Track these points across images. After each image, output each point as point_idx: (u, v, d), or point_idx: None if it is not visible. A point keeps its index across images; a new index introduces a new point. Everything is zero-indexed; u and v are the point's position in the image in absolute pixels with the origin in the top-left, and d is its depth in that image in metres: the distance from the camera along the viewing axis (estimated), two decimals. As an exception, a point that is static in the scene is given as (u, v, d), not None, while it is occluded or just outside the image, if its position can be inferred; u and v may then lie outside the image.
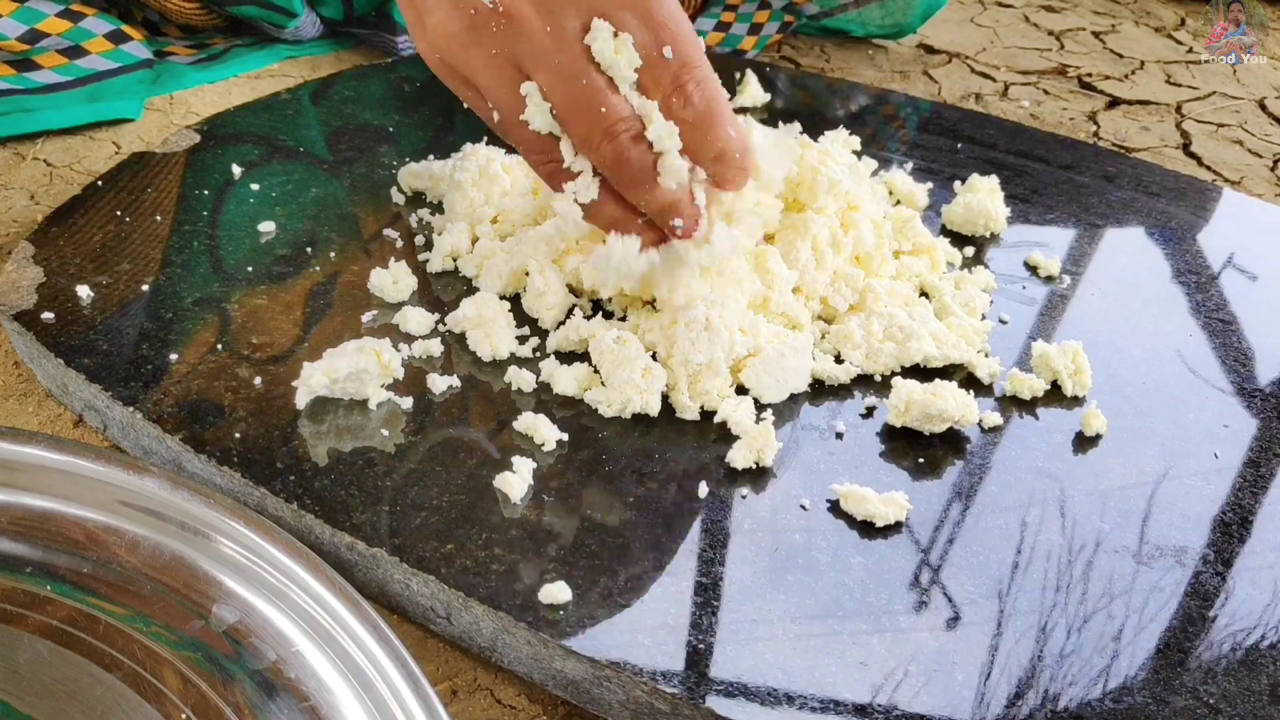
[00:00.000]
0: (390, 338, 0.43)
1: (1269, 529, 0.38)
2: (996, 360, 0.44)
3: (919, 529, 0.37)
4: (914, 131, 0.63)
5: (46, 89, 0.60)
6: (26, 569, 0.33)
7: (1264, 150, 0.71)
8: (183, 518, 0.34)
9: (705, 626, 0.33)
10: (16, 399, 0.44)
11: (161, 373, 0.41)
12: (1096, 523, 0.37)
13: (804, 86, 0.69)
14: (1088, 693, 0.31)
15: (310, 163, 0.56)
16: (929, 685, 0.31)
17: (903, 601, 0.34)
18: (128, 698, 0.30)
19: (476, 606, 0.33)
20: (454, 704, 0.34)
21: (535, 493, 0.37)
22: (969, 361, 0.44)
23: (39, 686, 0.30)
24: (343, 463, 0.37)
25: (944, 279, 0.48)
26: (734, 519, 0.37)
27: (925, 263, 0.49)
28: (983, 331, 0.45)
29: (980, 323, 0.46)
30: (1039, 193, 0.55)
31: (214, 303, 0.45)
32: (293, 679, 0.31)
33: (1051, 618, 0.34)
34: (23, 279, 0.45)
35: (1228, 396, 0.44)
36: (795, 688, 0.31)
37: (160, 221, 0.50)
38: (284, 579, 0.33)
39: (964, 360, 0.44)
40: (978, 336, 0.45)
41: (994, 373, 0.43)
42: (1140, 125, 0.74)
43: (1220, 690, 0.32)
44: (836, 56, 0.82)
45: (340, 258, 0.49)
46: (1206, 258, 0.53)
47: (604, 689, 0.31)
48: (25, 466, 0.35)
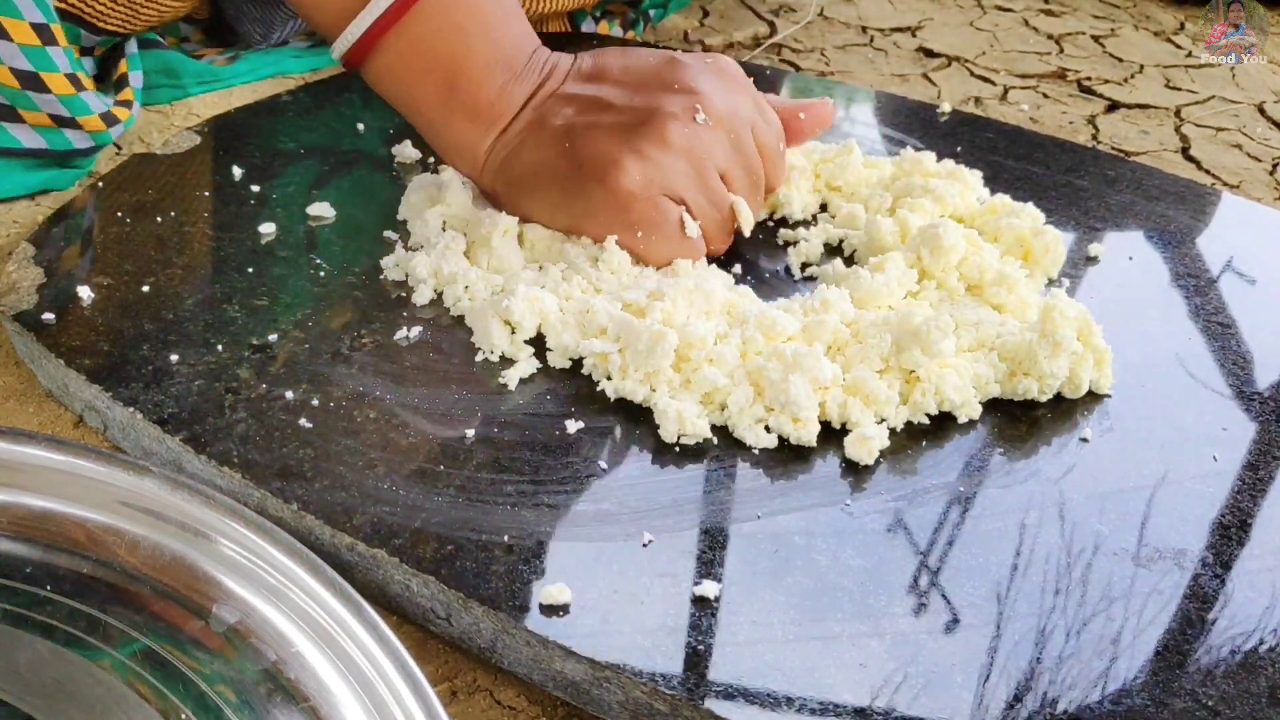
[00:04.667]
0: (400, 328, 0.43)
1: (1268, 532, 0.38)
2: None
3: (918, 532, 0.37)
4: (915, 135, 0.63)
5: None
6: (26, 569, 0.33)
7: (1263, 154, 0.71)
8: (183, 518, 0.34)
9: (705, 628, 0.33)
10: (16, 399, 0.44)
11: (162, 373, 0.41)
12: (1095, 525, 0.37)
13: (803, 89, 0.70)
14: (1087, 695, 0.31)
15: (311, 164, 0.56)
16: (928, 688, 0.31)
17: (902, 604, 0.34)
18: (127, 698, 0.30)
19: (476, 607, 0.33)
20: (454, 705, 0.34)
21: (536, 493, 0.37)
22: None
23: (39, 686, 0.30)
24: (343, 464, 0.37)
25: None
26: (734, 520, 0.37)
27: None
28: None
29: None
30: (1039, 196, 0.55)
31: (214, 303, 0.45)
32: (293, 679, 0.31)
33: (1050, 620, 0.34)
34: (23, 279, 0.45)
35: (1226, 400, 0.44)
36: (794, 690, 0.31)
37: (161, 223, 0.50)
38: (284, 580, 0.33)
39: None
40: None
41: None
42: (1139, 129, 0.74)
43: (1219, 692, 0.32)
44: (836, 59, 0.82)
45: (341, 258, 0.49)
46: (1205, 261, 0.53)
47: (604, 690, 0.31)
48: (25, 466, 0.35)
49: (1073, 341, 0.42)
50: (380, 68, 0.48)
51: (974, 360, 0.43)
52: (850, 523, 0.37)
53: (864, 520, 0.37)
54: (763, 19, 0.88)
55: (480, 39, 0.47)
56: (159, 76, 0.64)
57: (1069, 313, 0.42)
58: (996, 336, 0.43)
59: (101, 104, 0.55)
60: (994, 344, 0.43)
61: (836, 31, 0.88)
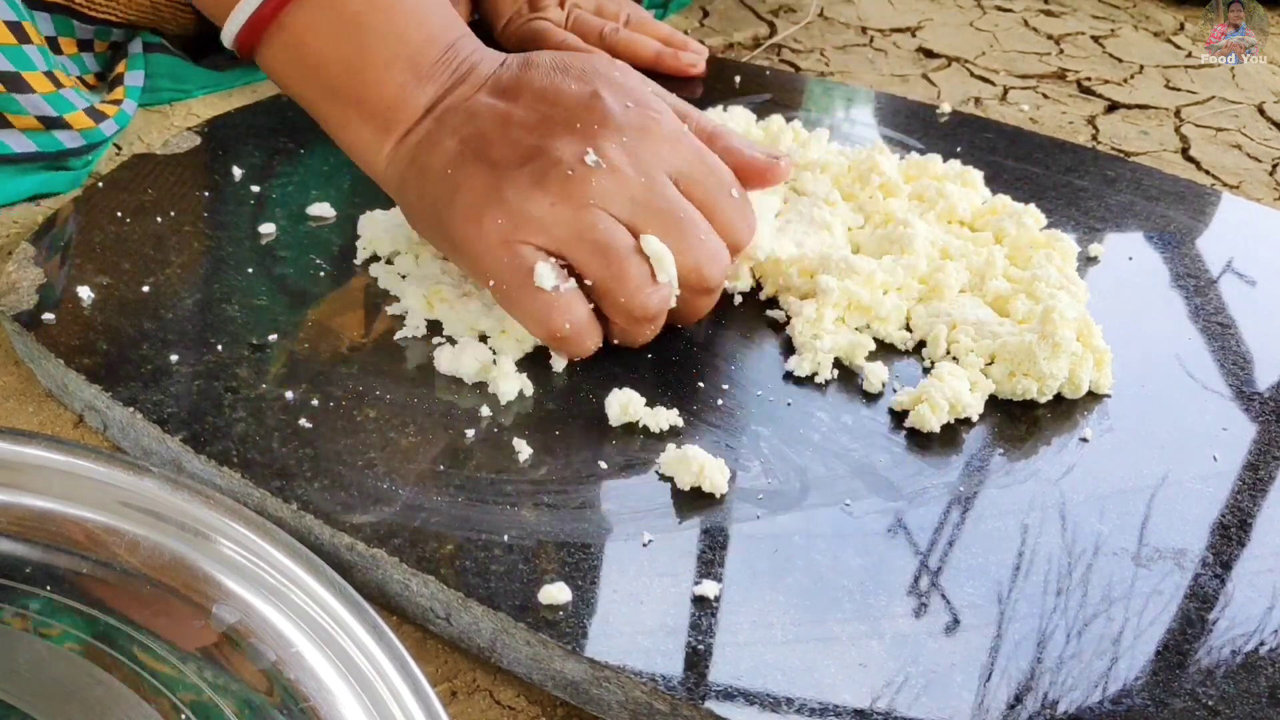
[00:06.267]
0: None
1: (1268, 532, 0.38)
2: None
3: (918, 532, 0.37)
4: (914, 135, 0.63)
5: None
6: (26, 569, 0.33)
7: (1263, 155, 0.71)
8: (183, 518, 0.34)
9: (704, 628, 0.33)
10: (16, 399, 0.44)
11: (161, 373, 0.41)
12: (1096, 526, 0.37)
13: (803, 89, 0.70)
14: (1087, 696, 0.31)
15: (310, 165, 0.56)
16: (928, 689, 0.31)
17: (902, 604, 0.34)
18: (127, 698, 0.30)
19: (476, 607, 0.33)
20: (453, 705, 0.34)
21: (535, 493, 0.37)
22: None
23: (39, 686, 0.30)
24: (343, 463, 0.37)
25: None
26: (734, 520, 0.37)
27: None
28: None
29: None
30: (1039, 196, 0.55)
31: (213, 303, 0.45)
32: (293, 679, 0.31)
33: (1051, 621, 0.34)
34: (23, 279, 0.45)
35: (1226, 400, 0.44)
36: (794, 690, 0.31)
37: (160, 223, 0.50)
38: (284, 579, 0.33)
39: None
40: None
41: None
42: (1139, 129, 0.74)
43: (1219, 692, 0.32)
44: (836, 60, 0.82)
45: (341, 258, 0.49)
46: (1205, 262, 0.53)
47: (603, 690, 0.31)
48: (25, 466, 0.35)
49: (1072, 342, 0.42)
50: (269, 60, 0.44)
51: (973, 361, 0.43)
52: (850, 523, 0.37)
53: (864, 520, 0.37)
54: (763, 19, 0.88)
55: (376, 33, 0.42)
56: (163, 80, 0.64)
57: (1069, 313, 0.42)
58: (995, 337, 0.43)
59: (83, 100, 0.55)
60: (993, 345, 0.43)
61: (836, 32, 0.88)
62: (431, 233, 0.43)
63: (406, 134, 0.43)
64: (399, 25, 0.42)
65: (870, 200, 0.52)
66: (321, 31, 0.42)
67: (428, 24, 0.43)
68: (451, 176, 0.41)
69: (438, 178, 0.41)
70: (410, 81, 0.42)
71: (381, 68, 0.42)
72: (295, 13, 0.42)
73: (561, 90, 0.42)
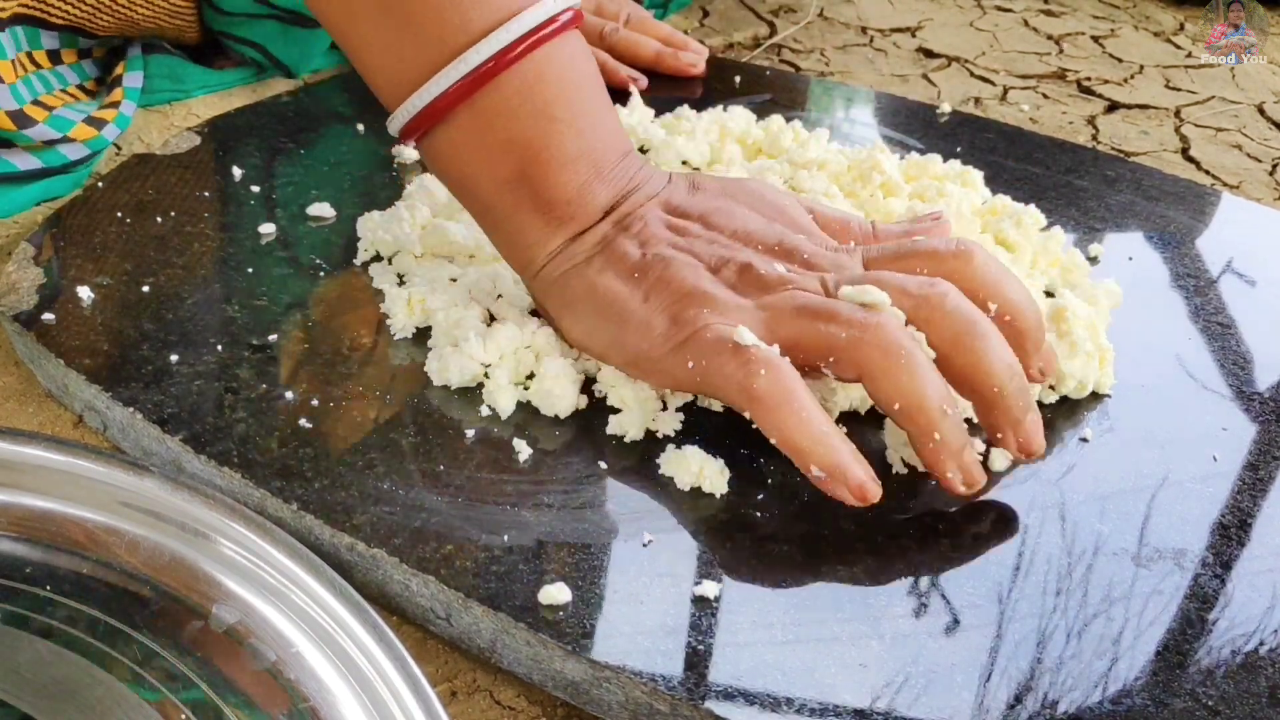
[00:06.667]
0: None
1: (1268, 532, 0.38)
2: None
3: (919, 532, 0.37)
4: (914, 135, 0.63)
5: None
6: (26, 569, 0.33)
7: (1263, 155, 0.71)
8: (183, 518, 0.34)
9: (705, 628, 0.33)
10: (16, 399, 0.44)
11: (161, 373, 0.41)
12: (1096, 526, 0.37)
13: (803, 89, 0.70)
14: (1087, 696, 0.31)
15: (310, 165, 0.56)
16: (929, 689, 0.31)
17: (902, 605, 0.34)
18: (127, 698, 0.30)
19: (476, 607, 0.33)
20: (453, 705, 0.34)
21: (536, 493, 0.37)
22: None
23: (39, 686, 0.30)
24: (343, 463, 0.37)
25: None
26: (734, 520, 0.37)
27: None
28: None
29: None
30: (1039, 196, 0.55)
31: (214, 303, 0.45)
32: (292, 679, 0.31)
33: (1051, 621, 0.34)
34: (23, 280, 0.45)
35: (1226, 400, 0.44)
36: (794, 690, 0.31)
37: (161, 223, 0.50)
38: (284, 580, 0.33)
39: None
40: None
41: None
42: (1139, 129, 0.74)
43: (1219, 692, 0.32)
44: (836, 59, 0.82)
45: (341, 258, 0.49)
46: (1205, 262, 0.53)
47: (603, 690, 0.31)
48: (25, 467, 0.35)
49: (1087, 342, 0.42)
50: (443, 143, 0.41)
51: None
52: (851, 522, 0.37)
53: (864, 520, 0.37)
54: (762, 19, 0.88)
55: (566, 126, 0.40)
56: (163, 81, 0.64)
57: (1080, 313, 0.42)
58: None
59: (78, 112, 0.55)
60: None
61: (836, 32, 0.88)
62: (596, 333, 0.41)
63: (580, 234, 0.41)
64: (585, 122, 0.41)
65: (871, 200, 0.52)
66: (513, 117, 0.40)
67: (608, 127, 0.42)
68: (639, 280, 0.40)
69: (622, 278, 0.40)
70: (593, 180, 0.41)
71: (566, 162, 0.41)
72: (490, 94, 0.40)
73: (749, 220, 0.42)
